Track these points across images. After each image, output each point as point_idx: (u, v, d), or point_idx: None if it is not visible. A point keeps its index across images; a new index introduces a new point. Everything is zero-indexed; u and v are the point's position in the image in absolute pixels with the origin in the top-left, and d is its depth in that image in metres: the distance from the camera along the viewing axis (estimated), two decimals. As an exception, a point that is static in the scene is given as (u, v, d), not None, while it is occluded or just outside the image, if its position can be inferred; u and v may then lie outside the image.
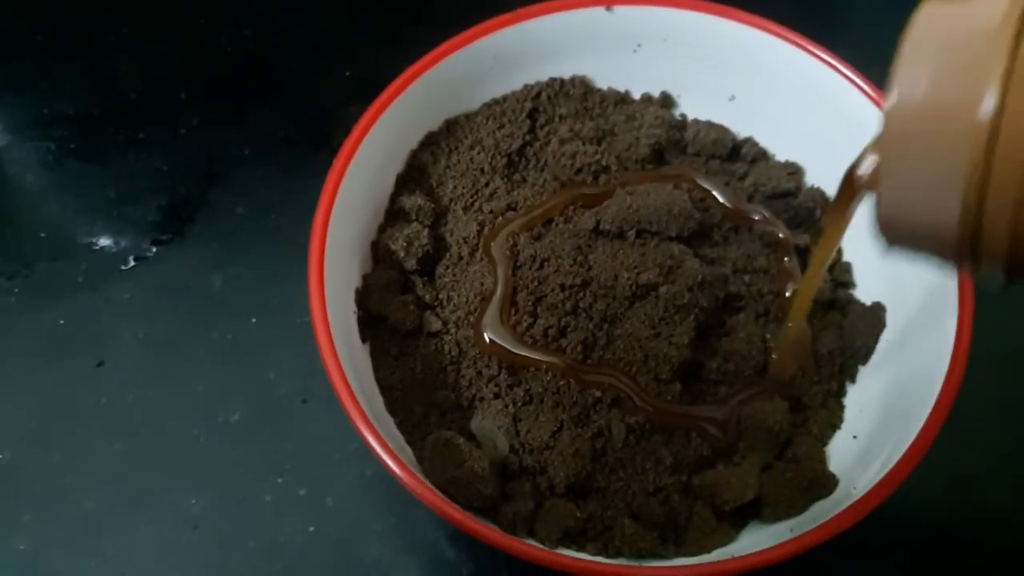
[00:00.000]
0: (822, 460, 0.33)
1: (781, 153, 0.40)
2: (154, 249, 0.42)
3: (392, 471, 0.28)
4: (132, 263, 0.42)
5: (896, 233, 0.22)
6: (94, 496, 0.36)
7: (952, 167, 0.19)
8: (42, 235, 0.43)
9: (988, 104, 0.18)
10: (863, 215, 0.37)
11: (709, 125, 0.40)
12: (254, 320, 0.40)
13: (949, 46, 0.19)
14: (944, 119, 0.19)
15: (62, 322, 0.40)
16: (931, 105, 0.19)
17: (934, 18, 0.20)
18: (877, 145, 0.24)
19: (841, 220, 0.27)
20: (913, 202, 0.20)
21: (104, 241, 0.42)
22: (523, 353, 0.33)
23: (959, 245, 0.20)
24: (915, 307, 0.34)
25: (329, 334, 0.30)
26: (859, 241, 0.37)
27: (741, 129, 0.40)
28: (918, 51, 0.20)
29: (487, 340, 0.33)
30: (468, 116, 0.39)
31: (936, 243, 0.21)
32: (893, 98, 0.20)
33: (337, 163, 0.33)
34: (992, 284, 0.21)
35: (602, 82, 0.40)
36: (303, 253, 0.32)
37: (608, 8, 0.38)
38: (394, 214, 0.36)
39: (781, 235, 0.36)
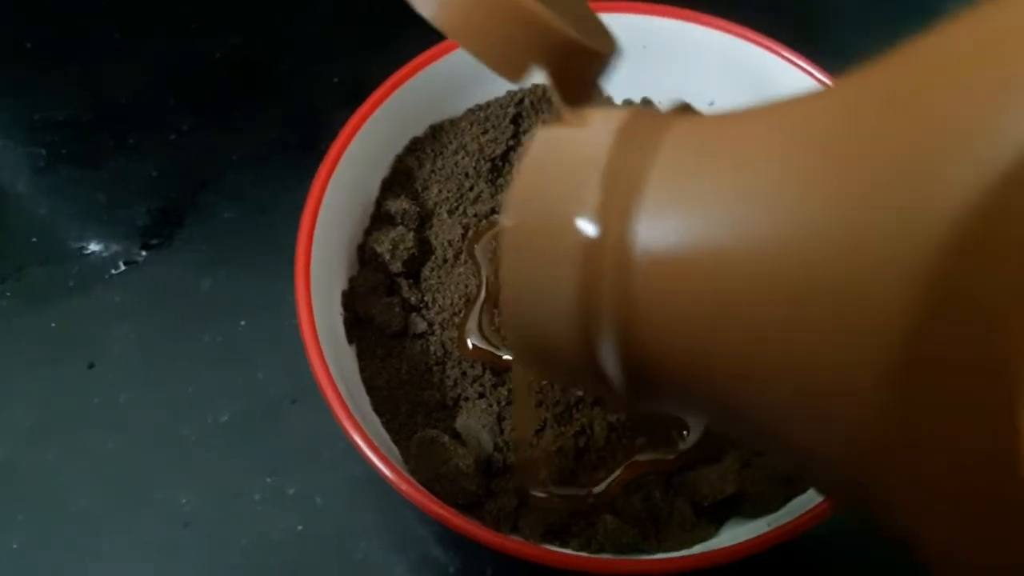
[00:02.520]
0: (799, 456, 0.34)
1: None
2: (144, 253, 0.43)
3: (377, 468, 0.29)
4: (122, 267, 0.42)
5: (529, 359, 0.22)
6: (86, 495, 0.37)
7: (563, 290, 0.19)
8: (33, 239, 0.43)
9: (589, 230, 0.18)
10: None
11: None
12: (243, 322, 0.41)
13: (559, 171, 0.19)
14: (554, 246, 0.19)
15: (53, 325, 0.41)
16: (541, 228, 0.19)
17: (550, 141, 0.20)
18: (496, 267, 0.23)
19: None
20: (536, 328, 0.20)
21: (95, 245, 0.43)
22: (506, 357, 0.34)
23: (585, 364, 0.20)
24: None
25: (315, 335, 0.31)
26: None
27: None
28: (532, 175, 0.20)
29: (470, 346, 0.34)
30: (452, 121, 0.40)
31: (565, 367, 0.20)
32: (507, 224, 0.20)
33: (323, 168, 0.34)
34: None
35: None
36: (292, 256, 0.33)
37: (589, 16, 0.39)
38: (380, 218, 0.37)
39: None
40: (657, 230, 0.18)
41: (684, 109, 0.20)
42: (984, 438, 0.13)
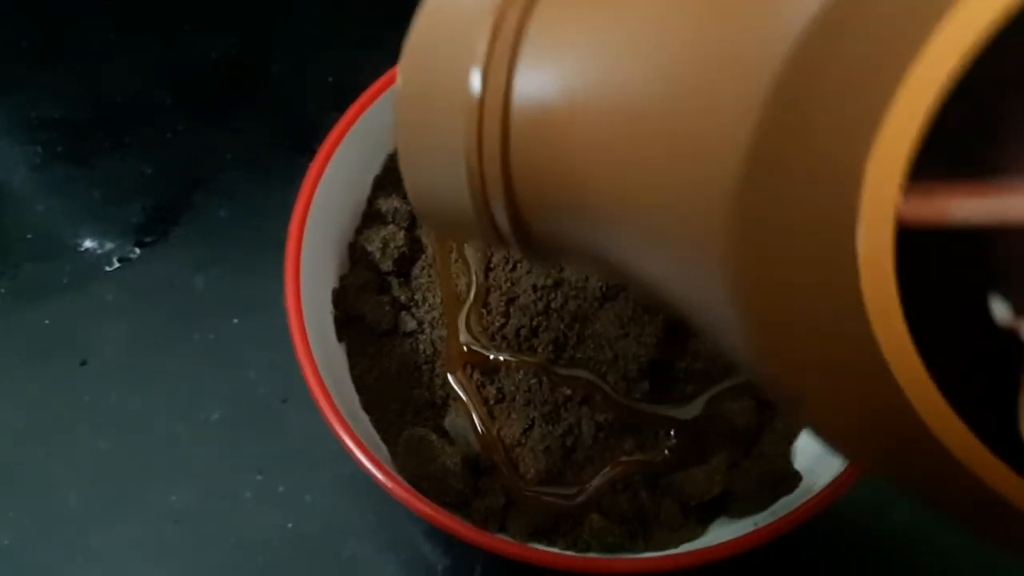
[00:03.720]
0: (787, 457, 0.34)
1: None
2: (138, 251, 0.43)
3: (364, 466, 0.29)
4: (116, 264, 0.42)
5: (432, 221, 0.23)
6: (77, 492, 0.37)
7: (454, 145, 0.19)
8: (28, 236, 0.43)
9: (475, 83, 0.19)
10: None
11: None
12: (236, 321, 0.41)
13: (448, 28, 0.20)
14: (443, 100, 0.19)
15: (47, 322, 0.41)
16: (432, 89, 0.20)
17: (438, 4, 0.20)
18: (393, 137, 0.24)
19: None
20: (434, 187, 0.21)
21: (89, 243, 0.43)
22: (493, 357, 0.34)
23: (480, 220, 0.20)
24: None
25: (304, 333, 0.31)
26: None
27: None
28: (422, 33, 0.20)
29: (465, 350, 0.34)
30: (445, 121, 0.40)
31: (463, 222, 0.21)
32: (399, 85, 0.20)
33: (313, 166, 0.34)
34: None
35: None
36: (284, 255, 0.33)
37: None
38: (371, 216, 0.37)
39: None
40: (533, 82, 0.18)
41: None
42: (824, 255, 0.13)
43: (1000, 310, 0.14)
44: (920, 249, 0.13)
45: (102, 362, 0.40)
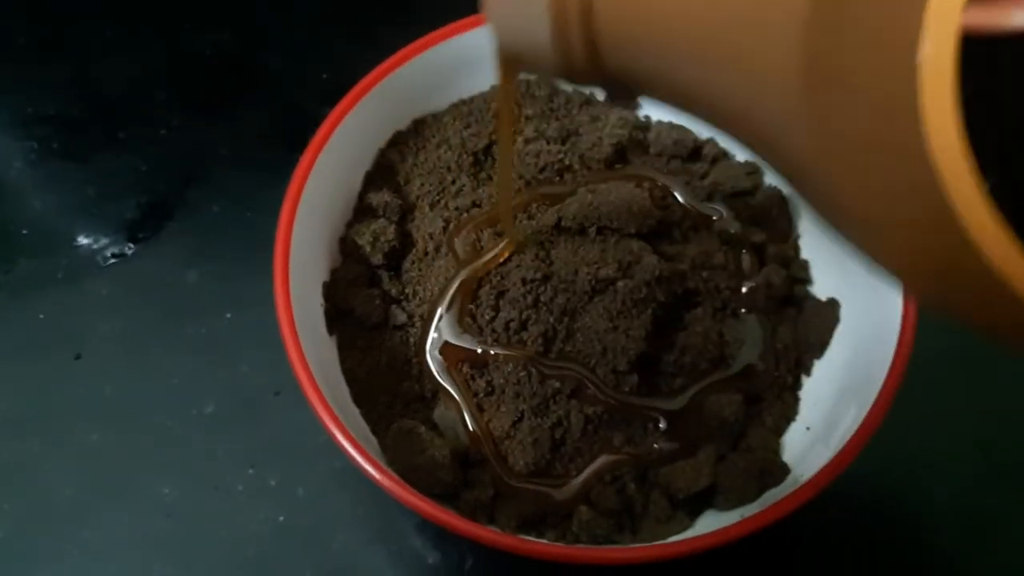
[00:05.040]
0: (775, 450, 0.34)
1: (741, 154, 0.41)
2: (132, 246, 0.43)
3: (352, 458, 0.29)
4: (111, 260, 0.43)
5: (512, 57, 0.24)
6: (71, 484, 0.37)
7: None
8: (24, 232, 0.44)
9: None
10: (810, 215, 0.38)
11: (671, 126, 0.41)
12: (229, 315, 0.41)
13: None
14: None
15: (42, 317, 0.41)
16: None
17: None
18: None
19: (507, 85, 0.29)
20: (515, 28, 0.22)
21: (84, 239, 0.43)
22: (480, 351, 0.34)
23: (559, 57, 0.21)
24: (867, 303, 0.35)
25: (293, 325, 0.31)
26: (815, 239, 0.38)
27: (703, 130, 0.41)
28: None
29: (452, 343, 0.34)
30: (436, 116, 0.40)
31: (542, 60, 0.22)
32: None
33: (303, 160, 0.34)
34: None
35: (569, 84, 0.42)
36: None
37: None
38: (362, 210, 0.38)
39: (733, 231, 0.37)
40: None
41: None
42: (887, 80, 0.14)
43: None
44: (981, 64, 0.13)
45: (96, 356, 0.40)
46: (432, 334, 0.35)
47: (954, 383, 0.40)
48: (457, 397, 0.34)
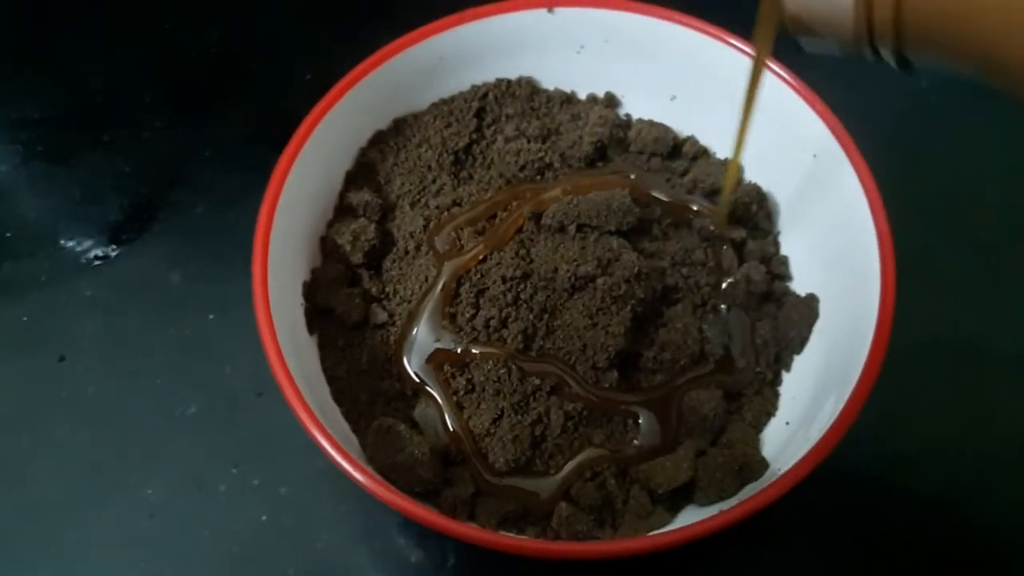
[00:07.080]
0: (755, 445, 0.34)
1: (721, 151, 0.41)
2: (116, 248, 0.43)
3: (331, 456, 0.29)
4: (95, 261, 0.43)
5: (802, 25, 0.24)
6: (56, 484, 0.37)
7: None
8: (7, 234, 0.44)
9: None
10: (790, 212, 0.39)
11: (651, 124, 0.41)
12: (211, 316, 0.41)
13: None
14: None
15: (26, 318, 0.41)
16: None
17: None
18: None
19: (765, 32, 0.29)
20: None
21: (68, 240, 0.43)
22: (460, 350, 0.34)
23: (856, 27, 0.22)
24: (845, 298, 0.35)
25: (271, 324, 0.31)
26: (795, 236, 0.38)
27: (683, 128, 0.41)
28: None
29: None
30: (416, 115, 0.40)
31: (836, 30, 0.23)
32: None
33: (282, 160, 0.34)
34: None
35: (549, 83, 0.42)
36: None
37: (549, 10, 0.39)
38: (342, 210, 0.38)
39: (713, 227, 0.37)
40: None
41: None
42: None
43: None
44: None
45: (80, 357, 0.40)
46: (412, 333, 0.35)
47: (935, 376, 0.40)
48: (437, 395, 0.34)
